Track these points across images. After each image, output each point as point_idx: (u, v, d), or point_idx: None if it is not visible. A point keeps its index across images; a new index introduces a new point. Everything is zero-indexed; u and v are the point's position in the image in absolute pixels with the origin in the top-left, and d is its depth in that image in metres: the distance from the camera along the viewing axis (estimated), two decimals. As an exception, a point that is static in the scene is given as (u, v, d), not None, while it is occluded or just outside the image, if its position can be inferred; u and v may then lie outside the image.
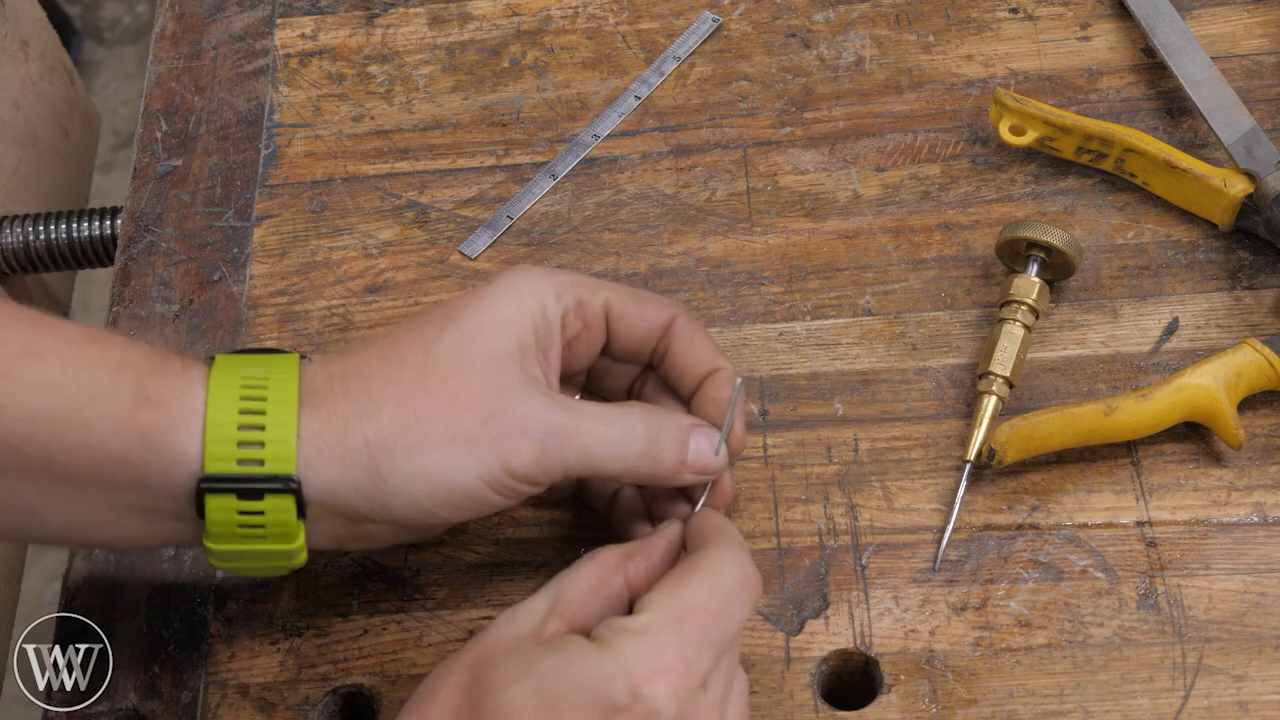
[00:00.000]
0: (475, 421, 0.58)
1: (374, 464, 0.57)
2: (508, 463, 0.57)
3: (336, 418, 0.57)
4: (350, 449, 0.57)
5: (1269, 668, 0.62)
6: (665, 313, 0.63)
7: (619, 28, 0.84)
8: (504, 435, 0.57)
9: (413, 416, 0.58)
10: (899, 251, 0.74)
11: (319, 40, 0.85)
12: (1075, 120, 0.74)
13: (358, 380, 0.58)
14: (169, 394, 0.57)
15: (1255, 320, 0.71)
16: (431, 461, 0.57)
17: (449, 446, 0.57)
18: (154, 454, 0.56)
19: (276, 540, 0.58)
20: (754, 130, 0.79)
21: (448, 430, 0.57)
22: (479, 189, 0.79)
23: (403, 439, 0.57)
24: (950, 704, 0.62)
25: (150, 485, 0.57)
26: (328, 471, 0.57)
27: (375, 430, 0.57)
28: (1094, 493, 0.67)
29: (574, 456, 0.59)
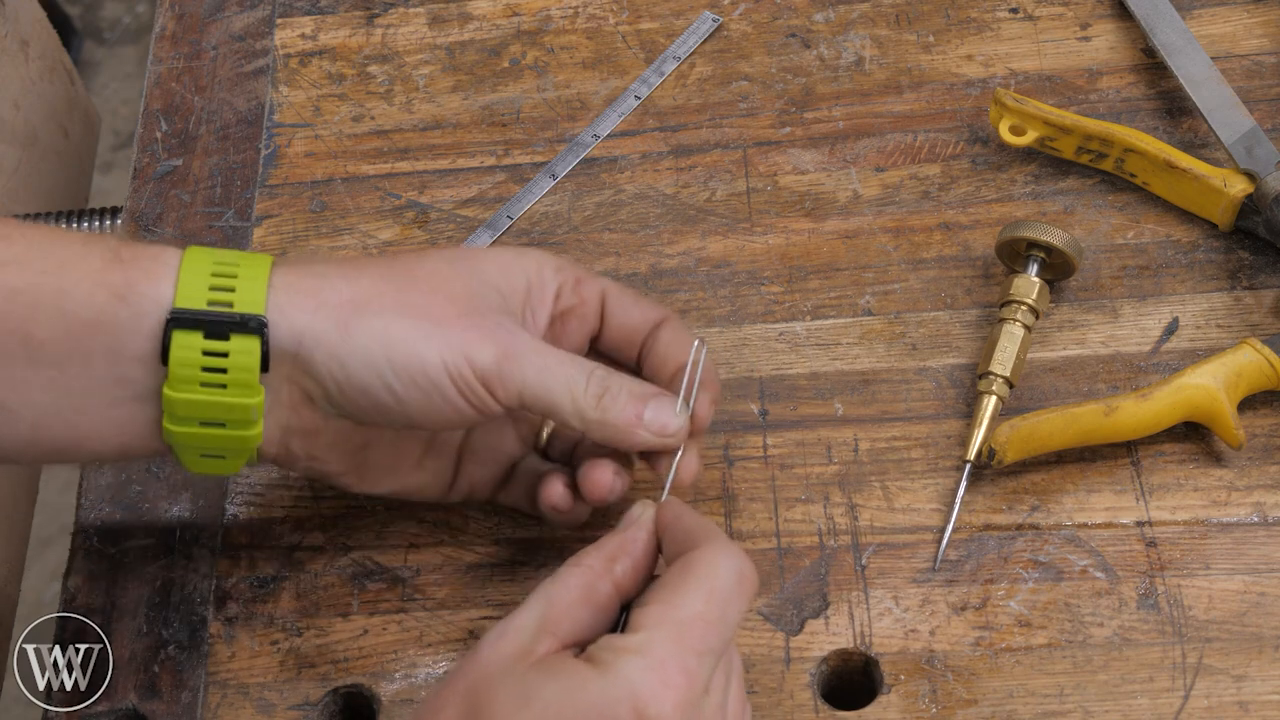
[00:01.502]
0: (449, 311, 0.59)
1: (343, 319, 0.58)
2: (470, 352, 0.58)
3: (313, 275, 0.59)
4: (323, 303, 0.58)
5: (1269, 668, 0.62)
6: (658, 311, 0.64)
7: (619, 28, 0.84)
8: (472, 328, 0.59)
9: (391, 289, 0.59)
10: (899, 251, 0.74)
11: (319, 40, 0.85)
12: (1075, 120, 0.74)
13: (340, 263, 0.60)
14: (142, 255, 0.58)
15: (1255, 320, 0.71)
16: (399, 328, 0.58)
17: (419, 321, 0.59)
18: (126, 307, 0.57)
19: (237, 392, 0.58)
20: (754, 130, 0.79)
21: (421, 308, 0.59)
22: (479, 189, 0.79)
23: (376, 302, 0.58)
24: (950, 704, 0.62)
25: (121, 344, 0.57)
26: (297, 318, 0.58)
27: (351, 290, 0.58)
28: (1094, 493, 0.67)
29: (532, 376, 0.59)
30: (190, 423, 0.58)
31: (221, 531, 0.69)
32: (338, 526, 0.69)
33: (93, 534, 0.69)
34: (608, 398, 0.60)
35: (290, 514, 0.69)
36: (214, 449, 0.59)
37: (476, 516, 0.68)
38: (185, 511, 0.69)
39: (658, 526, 0.58)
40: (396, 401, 0.59)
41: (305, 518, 0.69)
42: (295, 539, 0.68)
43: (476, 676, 0.52)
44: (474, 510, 0.68)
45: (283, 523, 0.69)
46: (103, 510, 0.70)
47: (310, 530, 0.68)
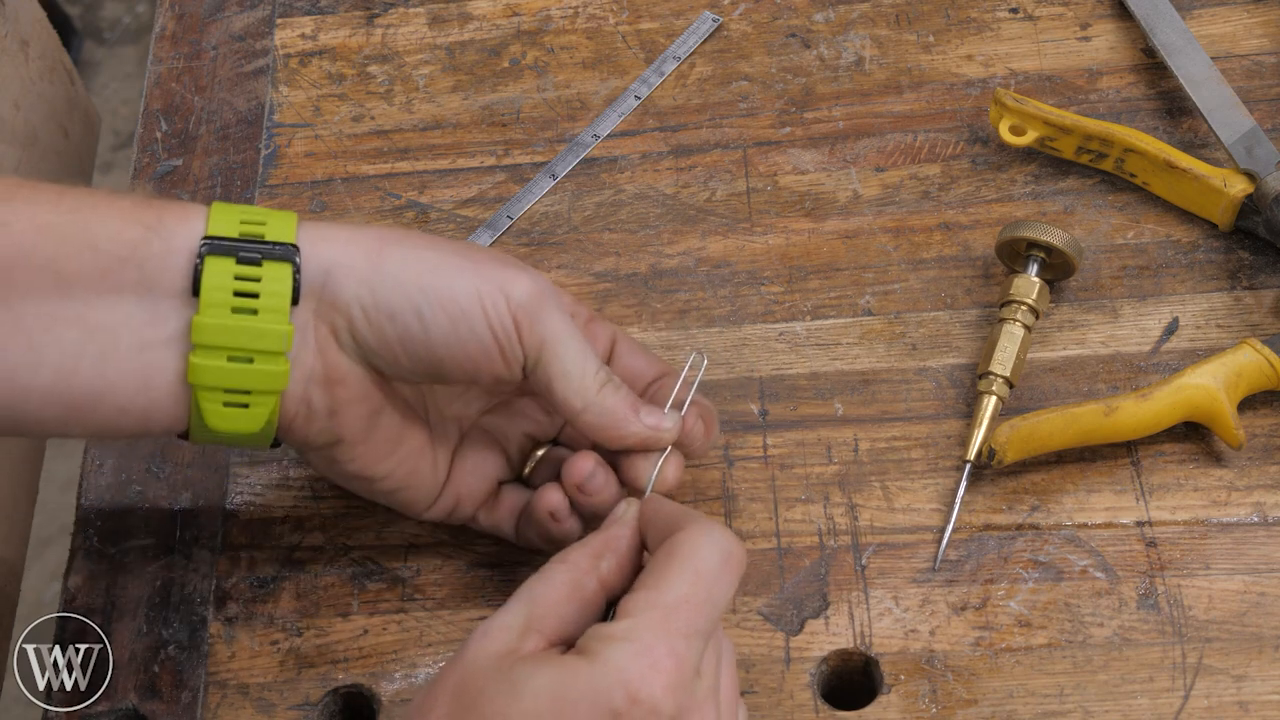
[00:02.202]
0: (484, 255, 0.61)
1: (375, 249, 0.59)
2: (507, 285, 0.59)
3: (343, 225, 0.61)
4: (356, 238, 0.59)
5: (1269, 667, 0.62)
6: (661, 365, 0.67)
7: (619, 28, 0.84)
8: (510, 267, 0.60)
9: (424, 238, 0.61)
10: (899, 251, 0.74)
11: (319, 40, 0.85)
12: (1075, 120, 0.74)
13: (368, 225, 0.62)
14: (172, 201, 0.60)
15: (1255, 320, 0.71)
16: (433, 257, 0.59)
17: (454, 257, 0.60)
18: (159, 239, 0.57)
19: (269, 318, 0.58)
20: (754, 130, 0.79)
21: (458, 250, 0.60)
22: (479, 189, 0.79)
23: (409, 240, 0.60)
24: (950, 704, 0.62)
25: (152, 277, 0.57)
26: (326, 250, 0.59)
27: (381, 231, 0.60)
28: (1094, 493, 0.67)
29: (558, 328, 0.60)
30: (219, 354, 0.58)
31: (221, 532, 0.69)
32: (338, 526, 0.69)
33: (93, 534, 0.69)
34: (610, 386, 0.61)
35: (290, 514, 0.69)
36: (240, 388, 0.58)
37: (476, 516, 0.68)
38: (185, 512, 0.69)
39: (641, 521, 0.58)
40: (423, 329, 0.59)
41: (305, 518, 0.69)
42: (295, 539, 0.68)
43: (464, 674, 0.52)
44: (474, 510, 0.68)
45: (283, 523, 0.69)
46: (103, 510, 0.70)
47: (310, 530, 0.68)
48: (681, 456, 0.63)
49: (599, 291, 0.74)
